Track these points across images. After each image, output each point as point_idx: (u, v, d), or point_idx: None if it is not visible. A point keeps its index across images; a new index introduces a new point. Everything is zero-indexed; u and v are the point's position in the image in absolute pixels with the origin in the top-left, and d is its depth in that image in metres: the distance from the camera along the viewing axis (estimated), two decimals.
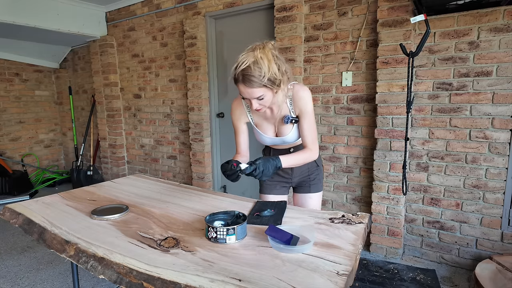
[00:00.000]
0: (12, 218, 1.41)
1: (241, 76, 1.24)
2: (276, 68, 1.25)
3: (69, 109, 4.94)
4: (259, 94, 1.27)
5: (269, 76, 1.23)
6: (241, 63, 1.23)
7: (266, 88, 1.26)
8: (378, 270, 2.27)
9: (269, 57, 1.23)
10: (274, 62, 1.25)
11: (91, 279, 2.23)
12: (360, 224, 1.24)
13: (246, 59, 1.23)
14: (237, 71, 1.25)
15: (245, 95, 1.30)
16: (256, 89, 1.25)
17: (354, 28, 2.46)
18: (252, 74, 1.22)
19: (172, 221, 1.31)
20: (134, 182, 1.94)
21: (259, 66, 1.22)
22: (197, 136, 3.43)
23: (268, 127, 1.53)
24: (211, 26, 3.27)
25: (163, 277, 0.90)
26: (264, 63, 1.22)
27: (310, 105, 1.41)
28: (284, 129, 1.49)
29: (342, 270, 0.92)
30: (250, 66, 1.22)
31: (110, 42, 4.06)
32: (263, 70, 1.22)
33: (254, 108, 1.33)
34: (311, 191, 1.65)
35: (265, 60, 1.22)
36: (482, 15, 2.02)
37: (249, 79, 1.23)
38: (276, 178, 1.68)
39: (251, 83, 1.23)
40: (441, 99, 2.21)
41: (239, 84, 1.27)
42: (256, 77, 1.22)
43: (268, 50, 1.25)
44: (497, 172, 2.10)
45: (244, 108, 1.54)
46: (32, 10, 3.37)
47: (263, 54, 1.23)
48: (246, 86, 1.25)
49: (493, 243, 2.16)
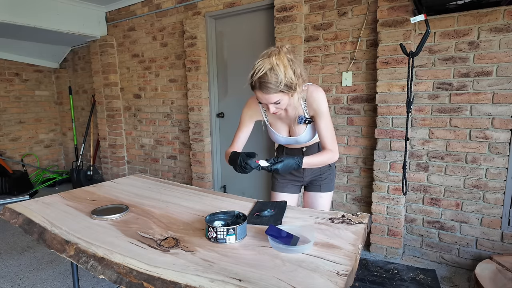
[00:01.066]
0: (12, 218, 1.41)
1: (258, 83, 1.26)
2: (292, 73, 1.26)
3: (69, 109, 4.94)
4: (276, 100, 1.29)
5: (286, 82, 1.25)
6: (257, 70, 1.25)
7: (283, 93, 1.28)
8: (378, 270, 2.27)
9: (284, 63, 1.25)
10: (290, 67, 1.26)
11: (91, 279, 2.23)
12: (360, 224, 1.24)
13: (262, 66, 1.24)
14: (254, 79, 1.26)
15: (262, 101, 1.33)
16: (273, 95, 1.27)
17: (354, 28, 2.46)
18: (269, 81, 1.24)
19: (172, 221, 1.31)
20: (134, 182, 1.94)
21: (275, 72, 1.23)
22: (197, 136, 3.43)
23: (282, 127, 1.55)
24: (211, 26, 3.27)
25: (163, 277, 0.90)
26: (281, 69, 1.23)
27: (325, 105, 1.41)
28: (298, 129, 1.51)
29: (342, 270, 0.92)
30: (266, 73, 1.23)
31: (110, 42, 4.06)
32: (280, 76, 1.23)
33: (271, 112, 1.35)
34: (321, 190, 1.66)
35: (281, 66, 1.24)
36: (482, 15, 2.02)
37: (266, 86, 1.25)
38: (289, 176, 1.69)
39: (268, 90, 1.25)
40: (441, 99, 2.21)
41: (256, 91, 1.29)
42: (273, 83, 1.24)
43: (283, 55, 1.26)
44: (497, 172, 2.10)
45: (260, 108, 1.55)
46: (32, 10, 3.37)
47: (279, 60, 1.24)
48: (264, 92, 1.27)
49: (493, 243, 2.16)
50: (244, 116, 1.57)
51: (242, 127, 1.58)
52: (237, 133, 1.59)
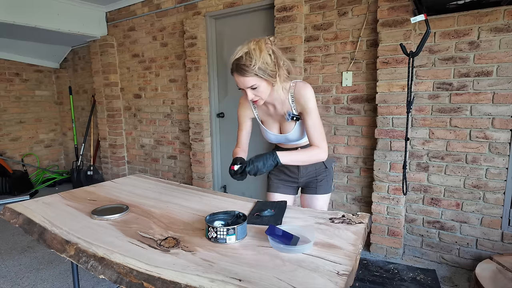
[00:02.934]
0: (12, 218, 1.41)
1: (235, 66, 1.32)
2: (268, 58, 1.30)
3: (69, 109, 4.94)
4: (251, 83, 1.32)
5: (260, 65, 1.28)
6: (235, 54, 1.32)
7: (258, 77, 1.31)
8: (378, 270, 2.27)
9: (261, 48, 1.29)
10: (268, 53, 1.30)
11: (91, 279, 2.23)
12: (360, 224, 1.24)
13: (240, 50, 1.31)
14: (231, 61, 1.33)
15: (239, 85, 1.36)
16: (248, 78, 1.30)
17: (354, 28, 2.46)
18: (244, 63, 1.29)
19: (172, 221, 1.31)
20: (134, 182, 1.94)
21: (250, 55, 1.28)
22: (197, 136, 3.43)
23: (273, 124, 1.56)
24: (211, 26, 3.27)
25: (163, 277, 0.90)
26: (256, 53, 1.28)
27: (312, 102, 1.40)
28: (287, 126, 1.51)
29: (342, 270, 0.92)
30: (242, 56, 1.29)
31: (110, 42, 4.06)
32: (254, 59, 1.27)
33: (250, 98, 1.37)
34: (317, 192, 1.65)
35: (257, 50, 1.28)
36: (482, 15, 2.02)
37: (241, 67, 1.29)
38: (283, 177, 1.68)
39: (243, 72, 1.30)
40: (441, 99, 2.21)
41: (234, 74, 1.34)
42: (247, 65, 1.28)
43: (262, 42, 1.31)
44: (497, 172, 2.10)
45: (250, 104, 1.57)
46: (32, 10, 3.37)
47: (256, 45, 1.30)
48: (239, 75, 1.31)
49: (493, 243, 2.16)
50: (239, 116, 1.61)
51: (241, 127, 1.61)
52: (238, 133, 1.62)
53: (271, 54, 1.31)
